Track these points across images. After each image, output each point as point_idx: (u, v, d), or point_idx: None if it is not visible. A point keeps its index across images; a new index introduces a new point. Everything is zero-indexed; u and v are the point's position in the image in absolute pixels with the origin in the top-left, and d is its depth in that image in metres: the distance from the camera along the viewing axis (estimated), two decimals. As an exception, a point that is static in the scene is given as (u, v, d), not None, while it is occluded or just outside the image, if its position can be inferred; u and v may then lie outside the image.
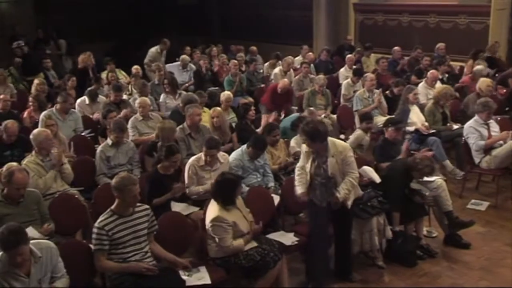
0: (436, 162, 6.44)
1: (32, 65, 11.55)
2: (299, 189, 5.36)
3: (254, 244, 5.02)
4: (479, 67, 10.11)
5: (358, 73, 10.53)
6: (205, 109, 8.10)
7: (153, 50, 12.99)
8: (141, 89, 9.22)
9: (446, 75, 10.67)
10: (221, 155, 6.23)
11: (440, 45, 12.10)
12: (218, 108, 7.90)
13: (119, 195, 4.59)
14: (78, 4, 18.53)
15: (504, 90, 9.54)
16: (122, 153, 6.69)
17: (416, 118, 8.17)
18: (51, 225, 5.16)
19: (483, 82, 8.79)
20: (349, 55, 12.10)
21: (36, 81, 9.68)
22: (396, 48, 12.40)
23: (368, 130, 7.75)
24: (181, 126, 7.22)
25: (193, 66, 12.23)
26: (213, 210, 5.02)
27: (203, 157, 6.09)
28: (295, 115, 8.50)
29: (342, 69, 11.68)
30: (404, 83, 9.49)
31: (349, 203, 5.30)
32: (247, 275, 5.03)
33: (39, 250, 4.07)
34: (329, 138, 5.20)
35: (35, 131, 6.31)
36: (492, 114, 7.49)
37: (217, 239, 4.92)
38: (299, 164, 5.51)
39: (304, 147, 5.38)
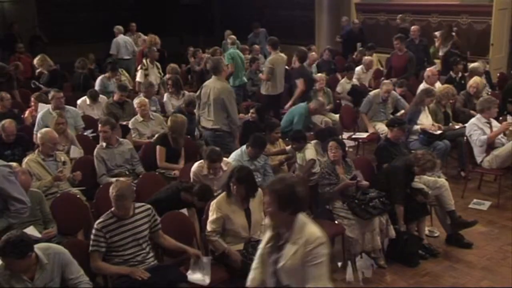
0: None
1: None
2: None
3: (240, 247, 4.96)
4: (475, 64, 9.99)
5: (349, 68, 10.88)
6: None
7: None
8: (147, 89, 8.93)
9: (460, 75, 9.97)
10: (225, 163, 6.00)
11: (455, 40, 11.57)
12: None
13: (113, 203, 4.59)
14: (79, 3, 18.62)
15: None
16: (118, 154, 6.60)
17: (425, 120, 8.02)
18: (53, 229, 5.14)
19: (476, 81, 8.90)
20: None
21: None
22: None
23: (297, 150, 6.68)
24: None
25: None
26: (220, 195, 5.14)
27: (205, 166, 5.90)
28: (301, 104, 8.50)
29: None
30: (407, 84, 9.46)
31: None
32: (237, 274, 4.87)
33: (46, 256, 3.97)
34: (302, 217, 3.23)
35: (42, 130, 6.30)
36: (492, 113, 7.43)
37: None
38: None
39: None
